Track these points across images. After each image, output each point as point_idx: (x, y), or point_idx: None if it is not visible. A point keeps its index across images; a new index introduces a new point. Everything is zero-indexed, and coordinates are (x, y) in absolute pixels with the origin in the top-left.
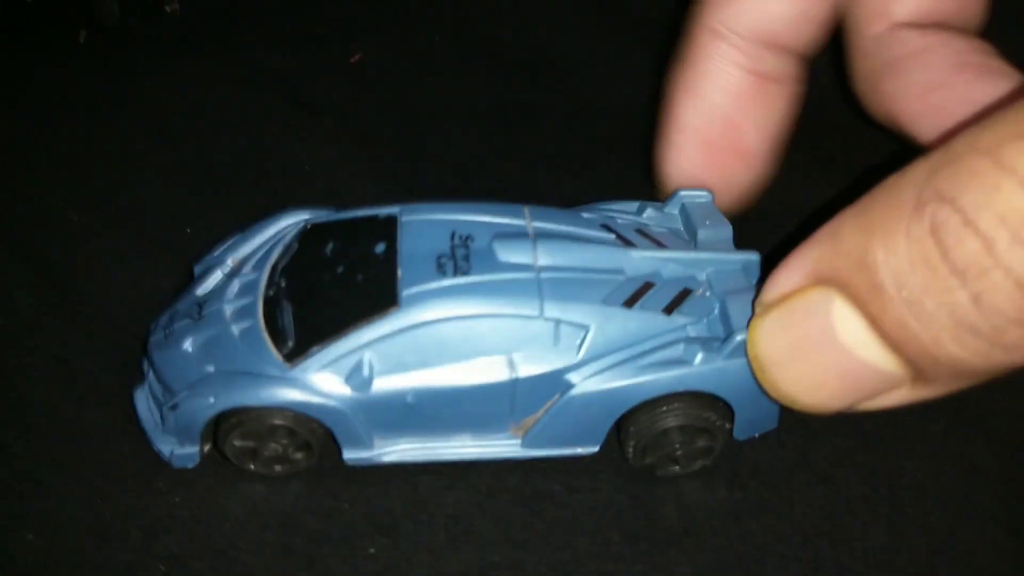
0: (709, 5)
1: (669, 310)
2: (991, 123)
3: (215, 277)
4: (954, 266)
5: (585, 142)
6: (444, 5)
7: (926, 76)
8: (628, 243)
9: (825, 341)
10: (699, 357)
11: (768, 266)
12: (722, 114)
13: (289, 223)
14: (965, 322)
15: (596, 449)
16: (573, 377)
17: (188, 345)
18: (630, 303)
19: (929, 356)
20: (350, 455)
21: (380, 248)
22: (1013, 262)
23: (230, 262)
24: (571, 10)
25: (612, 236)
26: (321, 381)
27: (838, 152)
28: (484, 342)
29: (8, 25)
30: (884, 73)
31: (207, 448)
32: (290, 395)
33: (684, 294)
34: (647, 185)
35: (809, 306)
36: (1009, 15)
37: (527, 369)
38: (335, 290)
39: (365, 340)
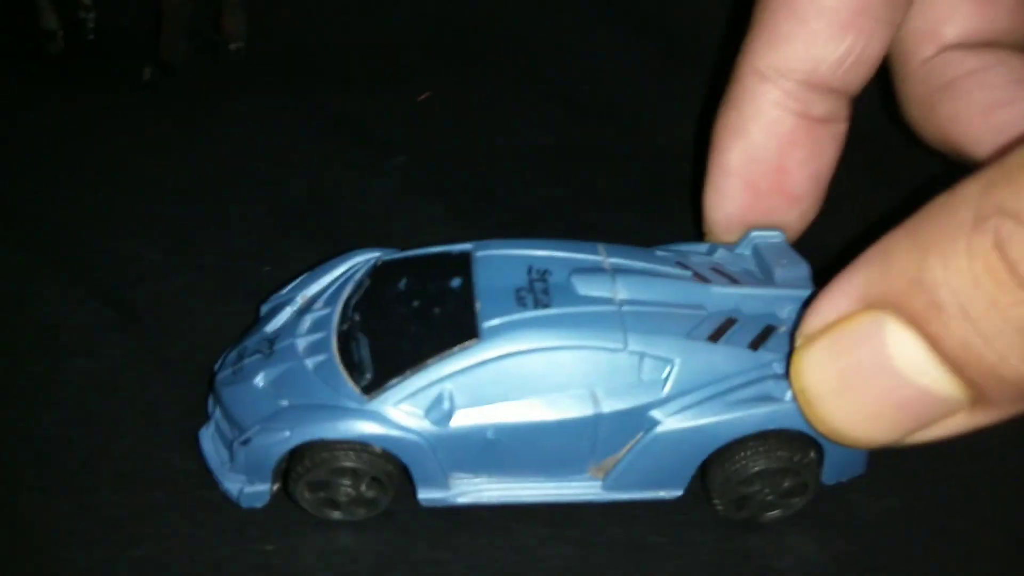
0: (756, 47)
1: (755, 346)
2: None
3: (284, 314)
4: (1022, 279)
5: (654, 184)
6: (510, 46)
7: (986, 95)
8: (705, 280)
9: (879, 368)
10: (789, 394)
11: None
12: (767, 157)
13: (358, 261)
14: None
15: (680, 493)
16: (658, 414)
17: (259, 380)
18: (714, 338)
19: (994, 376)
20: (425, 495)
21: (456, 283)
22: None
23: (299, 300)
24: (639, 52)
25: (689, 273)
26: (400, 414)
27: (886, 168)
28: (567, 375)
29: (70, 61)
30: (940, 96)
31: (276, 487)
32: (369, 428)
33: (768, 331)
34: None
35: (860, 332)
36: None
37: (611, 404)
38: (412, 323)
39: (446, 373)
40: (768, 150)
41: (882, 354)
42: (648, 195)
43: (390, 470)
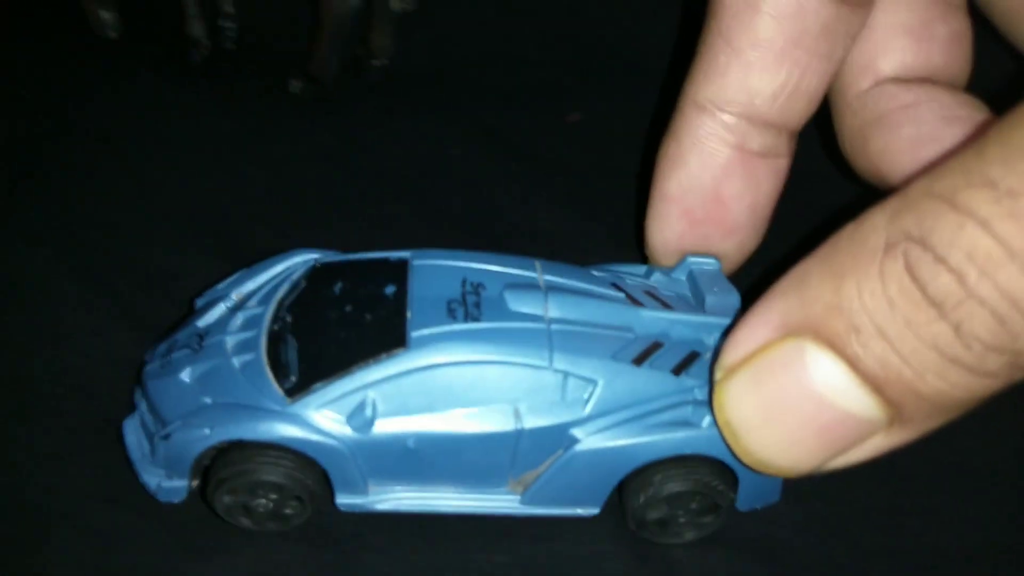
0: (695, 79)
1: (678, 371)
2: (944, 171)
3: (218, 310)
4: (932, 299)
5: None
6: (657, 68)
7: (915, 130)
8: (637, 302)
9: (801, 394)
10: (707, 420)
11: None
12: (703, 187)
13: (297, 261)
14: (948, 352)
15: (597, 511)
16: (578, 432)
17: (186, 375)
18: (639, 361)
19: (912, 392)
20: (343, 500)
21: (390, 290)
22: (984, 293)
23: (234, 296)
24: None
25: (622, 294)
26: (322, 418)
27: (806, 192)
28: (491, 390)
29: (212, 70)
30: (872, 129)
31: (195, 483)
32: (288, 431)
33: (692, 356)
34: None
35: (780, 359)
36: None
37: (533, 420)
38: (342, 328)
39: (370, 380)
40: (704, 180)
41: (803, 380)
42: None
43: (310, 485)
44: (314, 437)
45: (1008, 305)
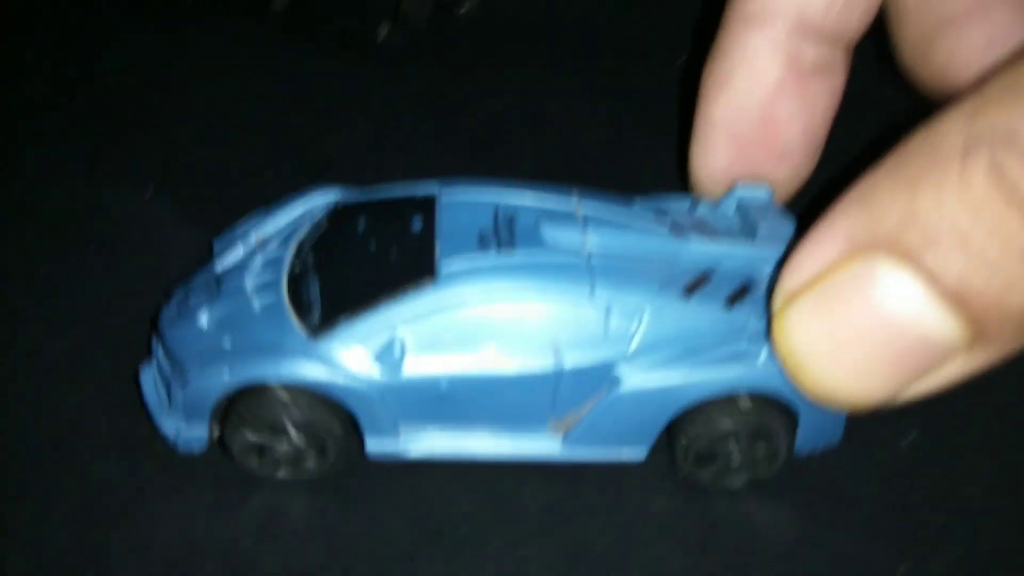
0: None
1: (730, 303)
2: None
3: (236, 253)
4: (1021, 204)
5: None
6: None
7: (987, 31)
8: (682, 234)
9: (873, 316)
10: (763, 355)
11: None
12: (755, 109)
13: (317, 202)
14: None
15: (644, 454)
16: (623, 370)
17: (203, 320)
18: (687, 293)
19: (998, 307)
20: (374, 446)
21: (417, 225)
22: None
23: (253, 238)
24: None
25: (666, 226)
26: (348, 358)
27: (862, 105)
28: (528, 326)
29: (293, 18)
30: (937, 34)
31: (216, 433)
32: (312, 371)
33: (745, 288)
34: None
35: (849, 280)
36: None
37: (573, 358)
38: (367, 265)
39: (398, 315)
40: (753, 101)
41: (876, 300)
42: None
43: (335, 430)
44: (339, 379)
45: None
